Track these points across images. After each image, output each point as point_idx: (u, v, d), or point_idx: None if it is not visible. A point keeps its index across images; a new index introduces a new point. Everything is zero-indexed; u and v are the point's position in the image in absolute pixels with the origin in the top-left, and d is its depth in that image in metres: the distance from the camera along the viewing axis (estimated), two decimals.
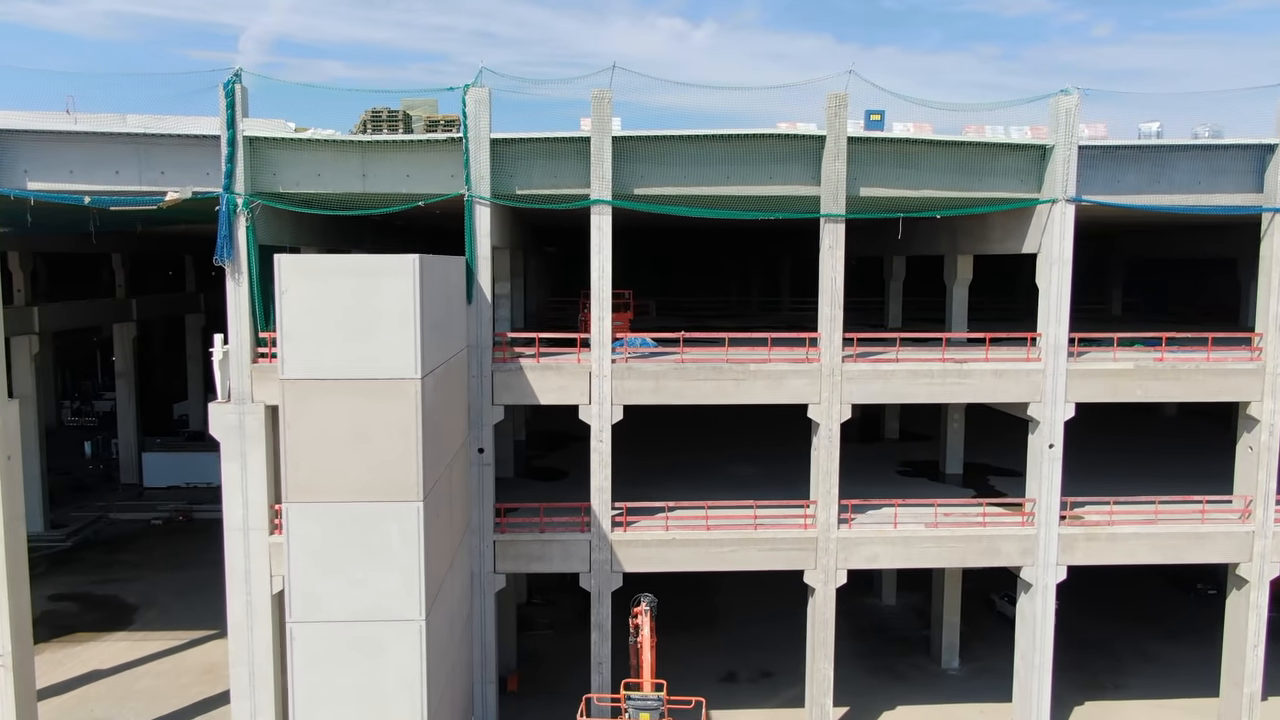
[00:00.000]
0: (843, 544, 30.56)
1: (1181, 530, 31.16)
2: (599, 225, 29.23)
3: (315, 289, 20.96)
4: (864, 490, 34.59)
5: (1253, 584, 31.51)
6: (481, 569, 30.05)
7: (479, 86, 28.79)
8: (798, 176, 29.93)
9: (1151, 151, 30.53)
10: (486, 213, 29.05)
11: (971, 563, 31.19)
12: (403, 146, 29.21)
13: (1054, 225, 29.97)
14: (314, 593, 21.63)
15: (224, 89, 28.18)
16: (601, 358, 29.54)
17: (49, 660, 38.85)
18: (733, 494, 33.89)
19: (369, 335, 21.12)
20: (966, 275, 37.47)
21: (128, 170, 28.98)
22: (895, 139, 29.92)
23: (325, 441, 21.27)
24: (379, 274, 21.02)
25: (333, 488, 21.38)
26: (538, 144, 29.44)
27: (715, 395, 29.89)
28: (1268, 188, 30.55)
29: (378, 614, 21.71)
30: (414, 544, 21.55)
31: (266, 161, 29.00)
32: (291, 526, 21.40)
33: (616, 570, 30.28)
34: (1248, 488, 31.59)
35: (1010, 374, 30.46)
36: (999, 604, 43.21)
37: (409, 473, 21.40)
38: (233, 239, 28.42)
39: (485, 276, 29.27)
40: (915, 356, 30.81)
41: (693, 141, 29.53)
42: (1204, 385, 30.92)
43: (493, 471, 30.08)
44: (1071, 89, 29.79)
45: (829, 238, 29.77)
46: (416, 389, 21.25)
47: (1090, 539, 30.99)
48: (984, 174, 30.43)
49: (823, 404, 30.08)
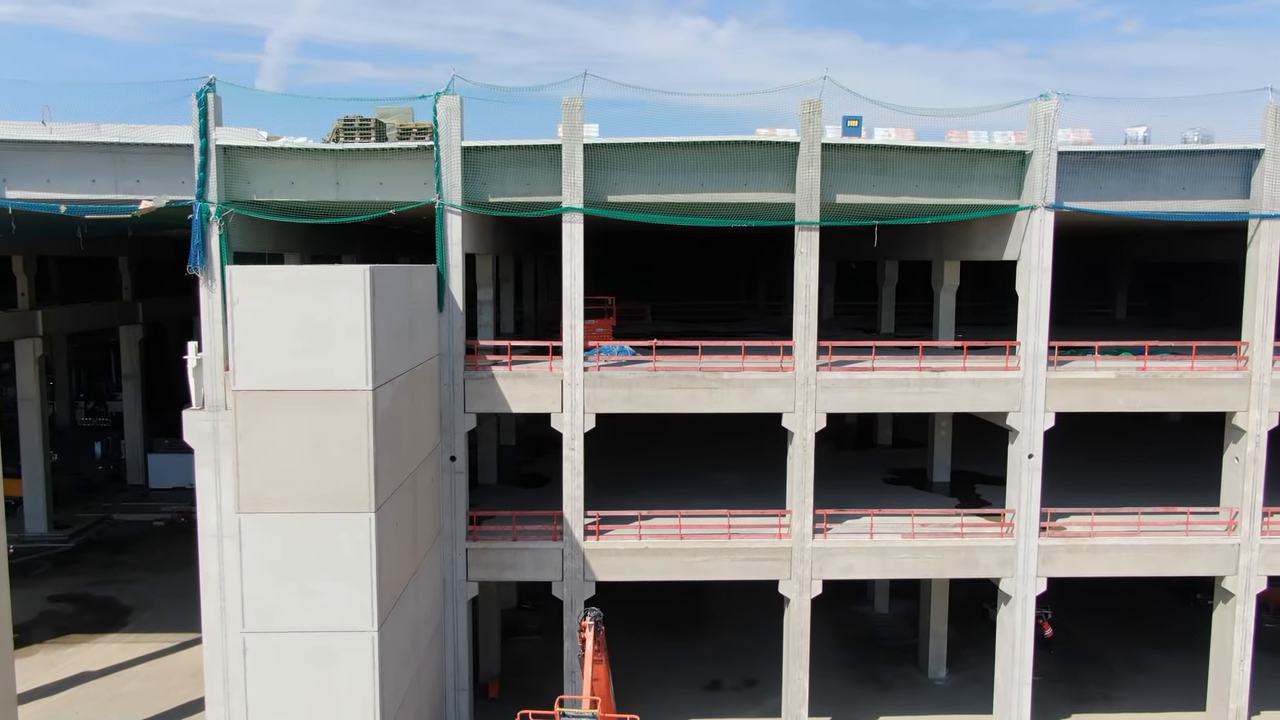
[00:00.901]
0: (818, 554, 30.30)
1: (1165, 542, 30.65)
2: (570, 233, 29.14)
3: (267, 301, 21.01)
4: (849, 498, 34.30)
5: (1239, 597, 30.93)
6: (454, 577, 30.06)
7: (450, 94, 28.80)
8: (773, 183, 29.70)
9: (1134, 157, 30.04)
10: (458, 221, 29.05)
11: (949, 574, 30.85)
12: (375, 155, 29.27)
13: (1033, 232, 29.56)
14: (267, 603, 21.69)
15: (197, 98, 28.35)
16: (573, 366, 29.46)
17: (41, 661, 39.25)
18: (715, 502, 33.71)
19: (321, 347, 21.15)
20: (953, 281, 37.07)
21: (104, 179, 29.22)
22: (871, 145, 29.62)
23: (277, 452, 21.31)
24: (330, 285, 21.04)
25: (285, 498, 21.43)
26: (511, 151, 29.41)
27: (688, 404, 29.74)
28: (1254, 193, 29.98)
29: (331, 625, 21.73)
30: (366, 555, 21.56)
31: (240, 170, 29.16)
32: (244, 537, 21.48)
33: (589, 579, 30.20)
34: (1234, 499, 31.01)
35: (988, 383, 30.08)
36: (991, 613, 42.61)
37: (361, 484, 21.40)
38: (206, 247, 28.59)
39: (457, 284, 29.27)
40: (891, 365, 30.51)
41: (666, 149, 29.38)
42: (1188, 395, 30.39)
43: (465, 479, 30.08)
44: (1051, 94, 29.36)
45: (803, 245, 29.53)
46: (368, 400, 21.25)
47: (1071, 550, 30.54)
48: (963, 180, 30.06)
49: (797, 413, 29.84)
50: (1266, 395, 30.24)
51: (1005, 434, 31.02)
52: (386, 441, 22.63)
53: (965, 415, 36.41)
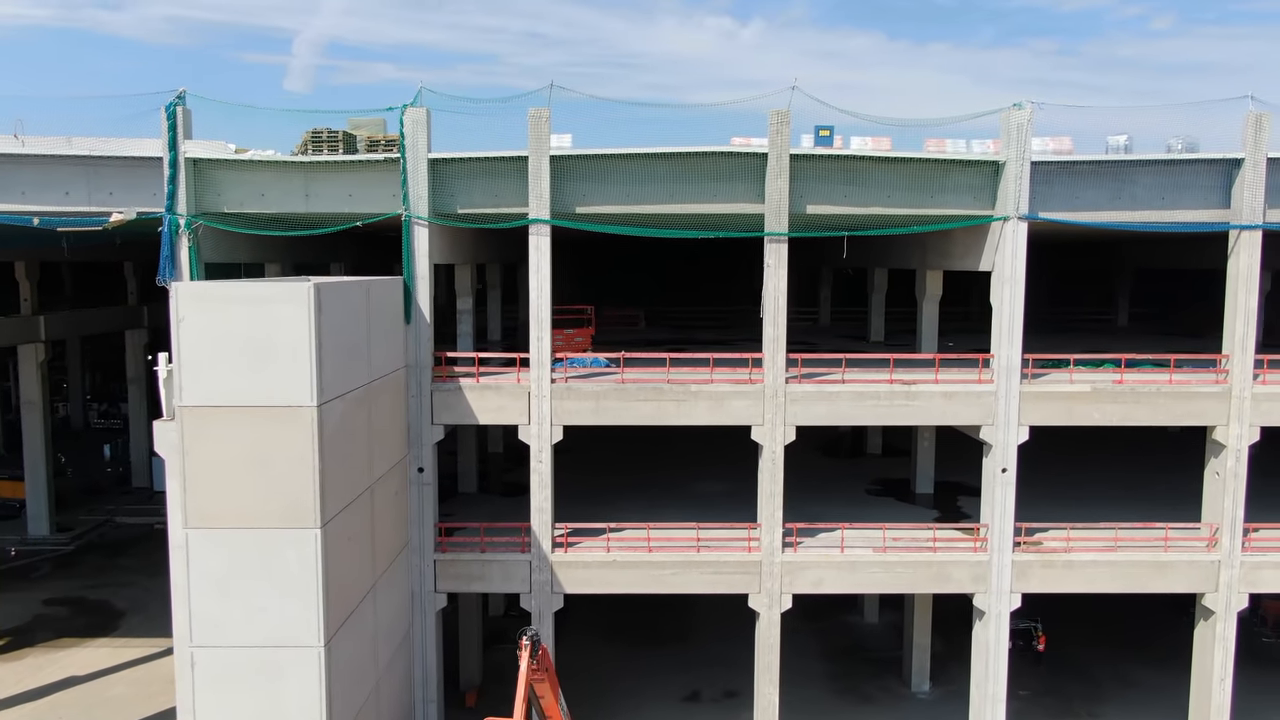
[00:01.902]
0: (787, 568, 30.05)
1: (1143, 559, 30.13)
2: (537, 245, 29.07)
3: (212, 317, 21.11)
4: (829, 510, 34.02)
5: (1219, 615, 30.35)
6: (422, 588, 30.08)
7: (417, 107, 28.82)
8: (742, 194, 29.51)
9: (1111, 166, 29.55)
10: (425, 232, 29.05)
11: (921, 589, 30.51)
12: (344, 167, 29.36)
13: (1006, 243, 29.15)
14: (214, 618, 21.83)
15: (166, 111, 28.58)
16: (540, 378, 29.39)
17: (30, 665, 39.71)
18: (694, 513, 33.50)
19: (266, 363, 21.21)
20: (936, 291, 36.67)
21: (77, 191, 29.53)
22: (842, 155, 29.33)
23: (224, 468, 21.43)
24: (274, 302, 21.09)
25: (232, 514, 21.53)
26: (478, 163, 29.40)
27: (656, 416, 29.60)
28: (1234, 203, 29.41)
29: (278, 640, 21.81)
30: (312, 571, 21.60)
31: (211, 182, 29.36)
32: (191, 552, 21.63)
33: (557, 591, 30.13)
34: (1215, 515, 30.43)
35: (961, 396, 29.70)
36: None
37: (306, 500, 21.45)
38: (175, 259, 28.79)
39: (424, 295, 29.27)
40: (861, 378, 30.20)
41: (635, 160, 29.25)
42: (1167, 409, 29.85)
43: (434, 491, 30.09)
44: (1024, 103, 28.95)
45: (772, 257, 29.31)
46: (313, 417, 21.29)
47: (1046, 566, 30.09)
48: (935, 190, 29.71)
49: (766, 426, 29.61)
50: (1247, 409, 29.65)
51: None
52: (337, 456, 22.66)
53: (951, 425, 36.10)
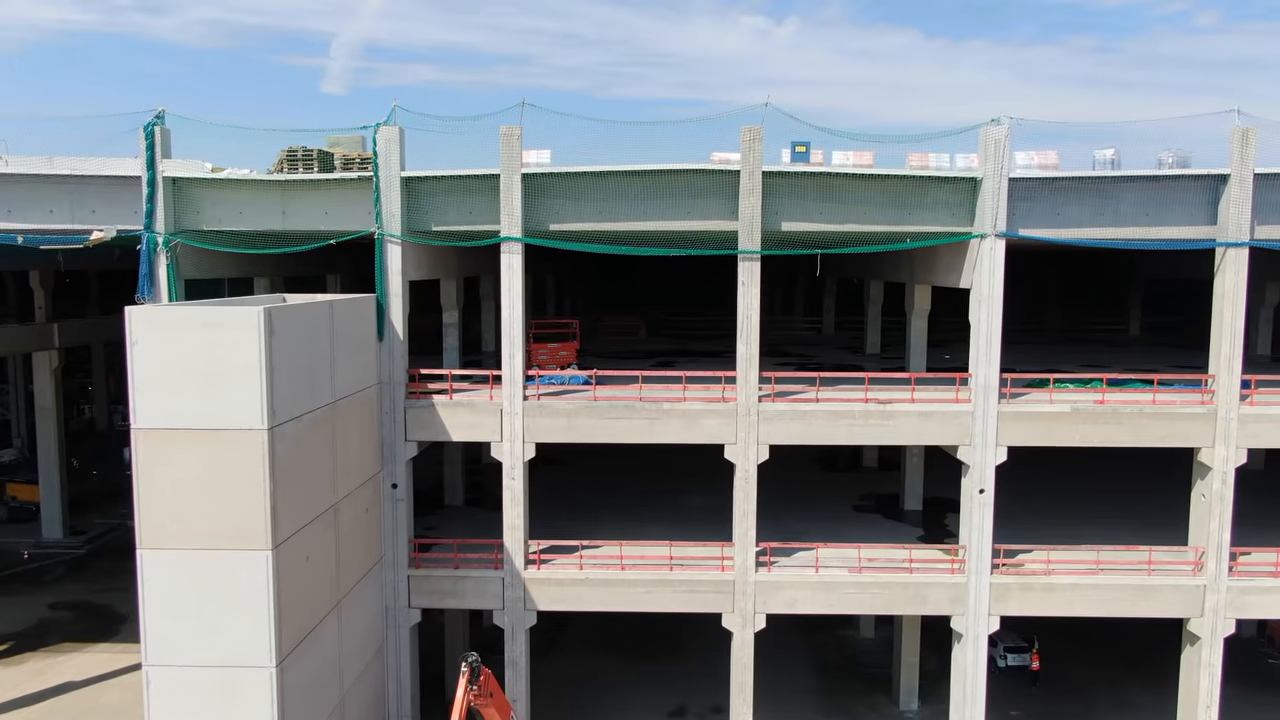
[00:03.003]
0: (761, 588, 29.80)
1: (1127, 582, 29.52)
2: (509, 264, 29.07)
3: (164, 340, 21.34)
4: (812, 526, 33.75)
5: (1205, 641, 29.65)
6: (396, 603, 30.22)
7: (390, 125, 28.95)
8: (716, 211, 29.30)
9: (1094, 183, 28.98)
10: (398, 250, 29.18)
11: (898, 610, 30.13)
12: (320, 185, 29.58)
13: (983, 261, 28.68)
14: (169, 637, 22.05)
15: (144, 131, 28.97)
16: (513, 395, 29.41)
17: (30, 670, 40.44)
18: (678, 527, 33.36)
19: (218, 386, 21.39)
20: (924, 305, 36.18)
21: (61, 209, 30.04)
22: (817, 172, 29.03)
23: (176, 489, 21.64)
24: (225, 326, 21.27)
25: (185, 535, 21.74)
26: (452, 181, 29.49)
27: (628, 434, 29.49)
28: (1221, 220, 28.72)
29: (232, 660, 22.00)
30: (264, 592, 21.76)
31: (190, 200, 29.72)
32: (145, 572, 21.85)
33: (530, 608, 30.14)
34: (1201, 538, 29.73)
35: (937, 416, 29.28)
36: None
37: (258, 522, 21.61)
38: (153, 276, 29.18)
39: (398, 313, 29.40)
40: (836, 396, 29.87)
41: (608, 177, 29.14)
42: (1150, 430, 29.22)
43: (408, 506, 30.21)
44: (1002, 118, 28.48)
45: (745, 275, 29.06)
46: (264, 439, 21.44)
47: (1025, 589, 29.59)
48: (913, 207, 29.31)
49: (738, 444, 29.38)
50: (1234, 431, 28.95)
51: None
52: (293, 477, 22.82)
53: (928, 445, 35.60)
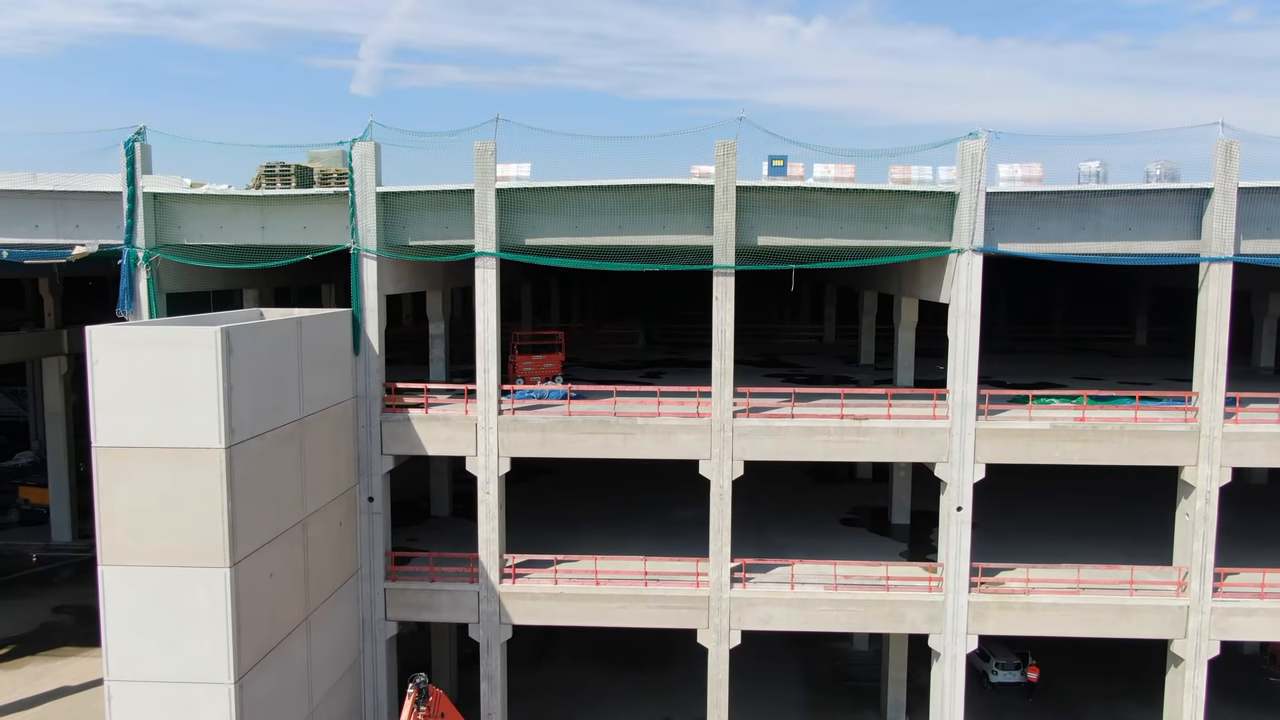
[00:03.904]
0: (736, 604, 29.65)
1: (1108, 602, 29.05)
2: (483, 278, 29.13)
3: (124, 359, 21.55)
4: (795, 541, 33.60)
5: (1188, 663, 29.12)
6: (372, 616, 30.36)
7: (366, 141, 29.10)
8: (692, 226, 29.20)
9: (1074, 196, 28.57)
10: (374, 265, 29.31)
11: (874, 628, 29.85)
12: (298, 200, 29.80)
13: (960, 276, 28.35)
14: (130, 652, 22.26)
15: (125, 147, 29.32)
16: (487, 409, 29.45)
17: (28, 674, 41.03)
18: (662, 540, 33.27)
19: (176, 405, 21.58)
20: (911, 318, 35.87)
21: (46, 224, 30.46)
22: (793, 187, 28.83)
23: (136, 507, 21.85)
24: (183, 345, 21.45)
25: (145, 552, 21.95)
26: (428, 196, 29.58)
27: (603, 449, 29.44)
28: (1204, 235, 28.21)
29: (190, 676, 22.18)
30: (223, 609, 21.93)
31: (171, 215, 30.04)
32: (105, 588, 22.08)
33: (505, 622, 30.15)
34: (1186, 558, 29.21)
35: (914, 432, 28.97)
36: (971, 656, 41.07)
37: (216, 539, 21.78)
38: (133, 291, 29.52)
39: (373, 327, 29.52)
40: (811, 412, 29.65)
41: (583, 192, 29.13)
42: (1132, 448, 28.74)
43: (384, 519, 30.33)
44: (979, 132, 28.16)
45: (720, 289, 28.92)
46: (222, 458, 21.60)
47: (1004, 607, 29.22)
48: (891, 221, 29.04)
49: (713, 460, 29.24)
50: (1218, 449, 28.41)
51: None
52: (256, 494, 22.98)
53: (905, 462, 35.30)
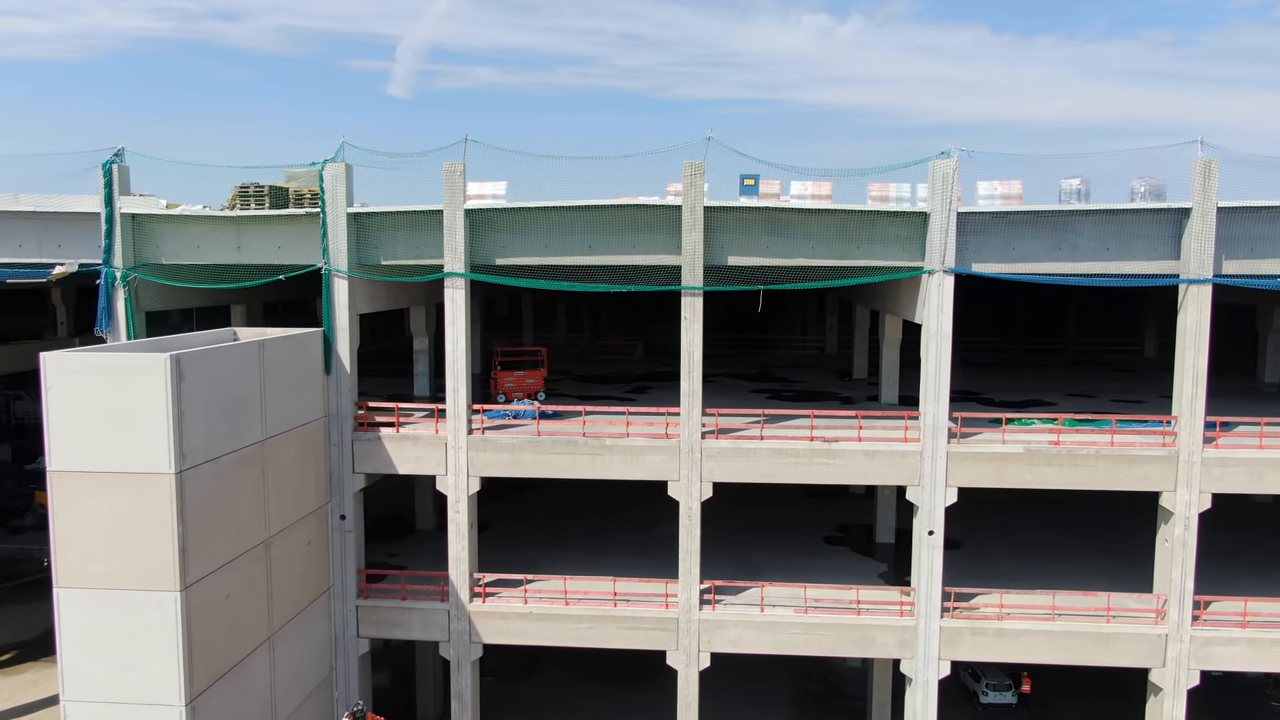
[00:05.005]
0: (705, 626, 29.47)
1: (1083, 629, 28.49)
2: (453, 298, 29.18)
3: (76, 386, 21.86)
4: (773, 560, 33.43)
5: (1167, 693, 28.47)
6: (345, 633, 30.55)
7: (337, 161, 29.28)
8: (661, 246, 29.04)
9: (1050, 216, 28.04)
10: (345, 285, 29.47)
11: (844, 652, 29.53)
12: (273, 220, 30.05)
13: (931, 296, 27.94)
14: (84, 673, 22.60)
15: (102, 169, 29.76)
16: (457, 429, 29.51)
17: (27, 680, 41.72)
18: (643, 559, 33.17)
19: (127, 431, 21.85)
20: (895, 335, 35.43)
21: (29, 244, 31.03)
22: (762, 207, 28.58)
23: (90, 531, 22.16)
24: (132, 373, 21.71)
25: (98, 575, 22.25)
26: (399, 216, 29.71)
27: (571, 469, 29.39)
28: (1183, 255, 27.57)
29: (143, 698, 22.46)
30: (173, 632, 22.17)
31: (149, 235, 30.45)
32: (61, 610, 22.42)
33: (475, 641, 30.20)
34: (1165, 585, 28.57)
35: (884, 455, 28.59)
36: (962, 676, 40.62)
37: (166, 564, 22.02)
38: (111, 310, 29.96)
39: (345, 346, 29.70)
40: (781, 434, 29.38)
41: (553, 212, 29.10)
42: (1108, 473, 28.15)
43: (356, 537, 30.51)
44: (951, 151, 27.72)
45: (688, 310, 28.73)
46: (171, 483, 21.83)
47: (977, 633, 28.75)
48: (863, 241, 28.69)
49: (682, 481, 29.09)
50: (1197, 475, 27.75)
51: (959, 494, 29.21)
52: (211, 518, 23.20)
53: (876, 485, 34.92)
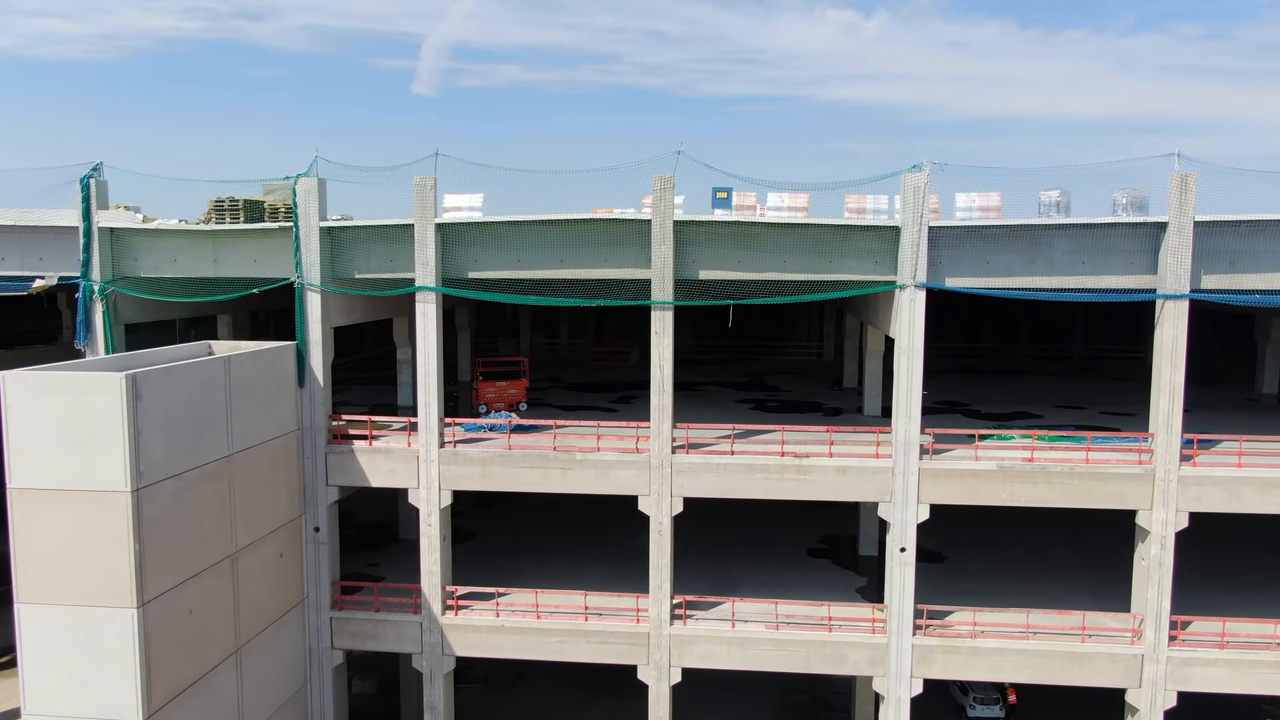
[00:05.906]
0: (676, 641, 29.36)
1: (1057, 648, 28.11)
2: (424, 312, 29.24)
3: (35, 404, 22.08)
4: (752, 573, 33.33)
5: (1144, 714, 28.03)
6: (319, 645, 30.71)
7: (309, 176, 29.40)
8: (633, 260, 28.95)
9: (1025, 230, 27.66)
10: (318, 298, 29.60)
11: (815, 669, 29.29)
12: (248, 234, 30.25)
13: (903, 311, 27.64)
14: (45, 689, 22.85)
15: (80, 184, 30.08)
16: (429, 442, 29.57)
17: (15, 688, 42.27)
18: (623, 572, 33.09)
19: (84, 449, 22.04)
20: (878, 347, 35.15)
21: (12, 257, 31.45)
22: (733, 221, 28.41)
23: (49, 547, 22.38)
24: (89, 392, 21.89)
25: (57, 591, 22.48)
26: (372, 230, 29.79)
27: (542, 484, 29.37)
28: (1160, 270, 27.11)
29: (101, 714, 22.67)
30: (130, 648, 22.35)
31: (128, 248, 30.76)
32: (21, 626, 22.68)
33: (448, 653, 30.26)
34: (1142, 605, 28.12)
35: (856, 471, 28.34)
36: (950, 689, 40.23)
37: (123, 580, 22.21)
38: (89, 323, 30.28)
39: (318, 360, 29.82)
40: (752, 449, 29.20)
41: (525, 226, 29.08)
42: (1083, 491, 27.74)
43: (330, 549, 30.65)
44: (923, 164, 27.41)
45: (658, 324, 28.61)
46: (127, 501, 22.01)
47: (949, 651, 28.45)
48: (836, 255, 28.46)
49: (652, 496, 28.98)
50: (1173, 493, 27.28)
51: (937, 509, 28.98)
52: (170, 534, 23.37)
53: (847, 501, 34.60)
